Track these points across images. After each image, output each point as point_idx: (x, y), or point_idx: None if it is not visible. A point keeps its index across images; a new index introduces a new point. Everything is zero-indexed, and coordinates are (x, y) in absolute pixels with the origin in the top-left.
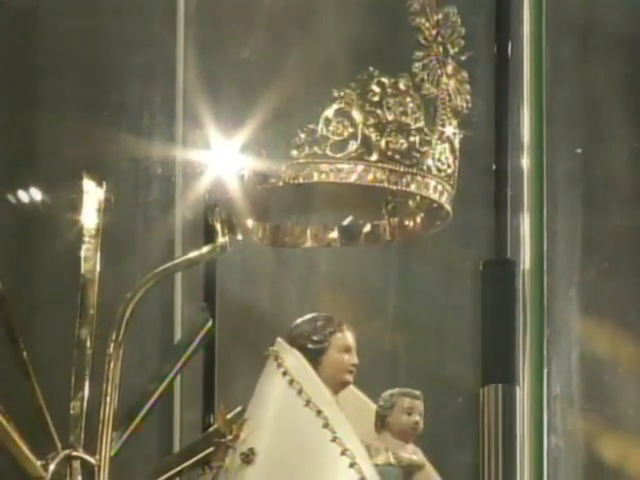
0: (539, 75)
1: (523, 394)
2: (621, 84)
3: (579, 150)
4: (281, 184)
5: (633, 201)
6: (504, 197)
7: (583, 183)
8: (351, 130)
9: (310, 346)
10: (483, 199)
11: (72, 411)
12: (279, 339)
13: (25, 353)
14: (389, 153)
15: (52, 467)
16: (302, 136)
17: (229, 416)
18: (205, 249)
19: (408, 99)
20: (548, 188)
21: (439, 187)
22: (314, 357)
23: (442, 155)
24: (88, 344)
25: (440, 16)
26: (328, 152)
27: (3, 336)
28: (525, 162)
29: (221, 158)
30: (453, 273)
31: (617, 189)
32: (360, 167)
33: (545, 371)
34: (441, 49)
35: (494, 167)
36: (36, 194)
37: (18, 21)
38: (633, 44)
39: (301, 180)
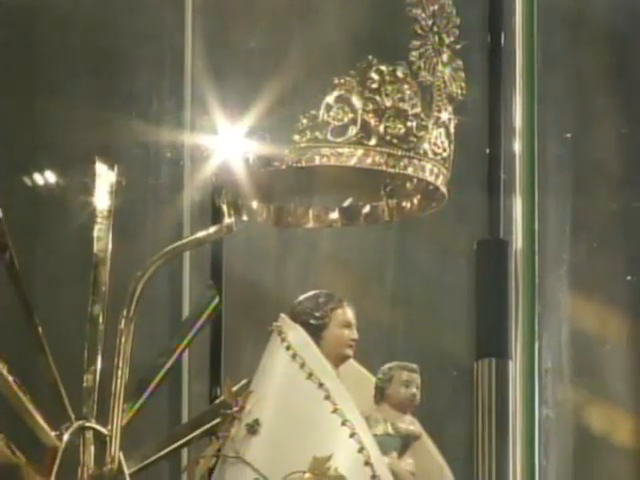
0: (531, 63)
1: (515, 368)
2: (609, 72)
3: (569, 135)
4: (284, 167)
5: (620, 184)
6: (497, 180)
7: (572, 166)
8: (351, 116)
9: (312, 322)
10: (477, 182)
11: (85, 384)
12: (282, 315)
13: (40, 329)
14: (387, 138)
15: (66, 437)
16: (304, 121)
17: (235, 388)
18: (212, 229)
19: (405, 86)
20: (539, 171)
21: (435, 170)
22: (316, 332)
23: (438, 139)
24: (100, 320)
25: (436, 7)
26: (329, 137)
27: (19, 312)
28: (517, 146)
29: (227, 143)
30: (448, 252)
31: (605, 172)
32: (360, 151)
33: (536, 346)
34: (437, 39)
35: (488, 151)
36: (51, 177)
37: (35, 12)
38: (621, 34)
39: (303, 163)
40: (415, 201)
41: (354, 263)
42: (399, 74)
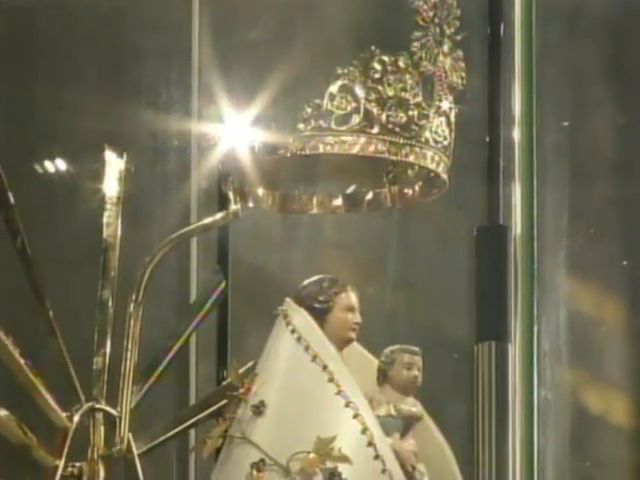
0: (529, 54)
1: (515, 350)
2: (605, 63)
3: (566, 124)
4: (289, 155)
5: (616, 171)
6: (497, 168)
7: (570, 154)
8: (354, 105)
9: (316, 306)
10: (477, 169)
11: (95, 366)
12: (287, 299)
13: (51, 312)
14: (389, 126)
15: (76, 418)
16: (308, 110)
17: (241, 371)
18: (219, 215)
19: (407, 76)
20: (537, 159)
21: (436, 157)
22: (320, 316)
23: (439, 128)
24: (110, 304)
25: None
26: (332, 125)
27: (31, 297)
28: (516, 135)
29: (233, 131)
30: (449, 238)
31: (601, 160)
32: (362, 139)
33: (535, 329)
34: (438, 30)
35: (487, 139)
36: (62, 165)
37: (47, 4)
38: (617, 26)
39: (307, 151)
40: (417, 188)
41: (357, 249)
42: (401, 64)
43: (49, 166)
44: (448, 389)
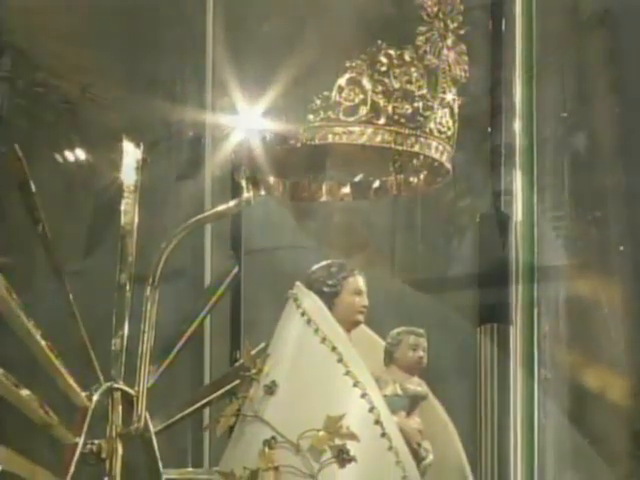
0: (530, 48)
1: (516, 332)
2: (603, 55)
3: (565, 114)
4: (299, 145)
5: (613, 160)
6: (498, 157)
7: (569, 144)
8: (361, 97)
9: (325, 289)
10: (480, 159)
11: (113, 347)
12: (298, 283)
13: (71, 296)
14: (395, 117)
15: (95, 398)
16: (318, 102)
17: (253, 352)
18: (232, 203)
19: (412, 69)
20: (538, 148)
21: (440, 147)
22: (329, 299)
23: (443, 119)
24: (127, 287)
25: None
26: (341, 116)
27: (52, 281)
28: (517, 125)
29: (246, 122)
30: (453, 224)
31: (599, 149)
32: (369, 130)
33: (535, 312)
34: (442, 24)
35: (489, 130)
36: (81, 155)
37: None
38: (614, 19)
39: (317, 141)
40: (422, 176)
41: (365, 235)
42: (406, 57)
43: (69, 156)
44: (452, 370)
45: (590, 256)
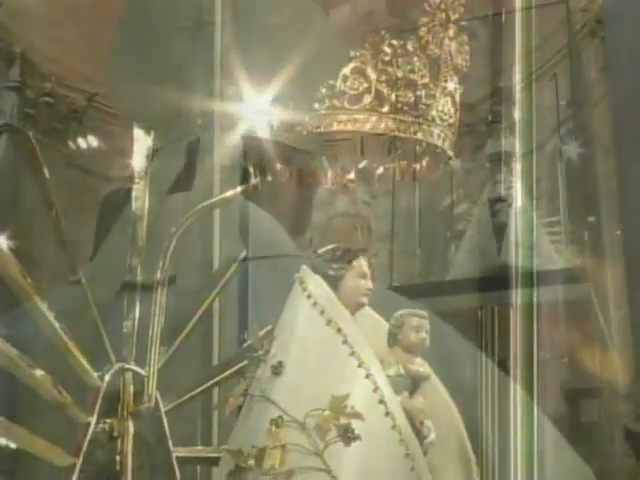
0: (528, 39)
1: (516, 314)
2: (596, 48)
3: (563, 103)
4: (305, 132)
5: (608, 149)
6: (499, 146)
7: (566, 132)
8: (366, 85)
9: (331, 273)
10: (480, 146)
11: (125, 329)
12: (304, 266)
13: (84, 279)
14: (399, 105)
15: (107, 378)
16: (323, 91)
17: (261, 334)
18: (239, 189)
19: (415, 58)
20: (536, 137)
21: (442, 135)
22: (334, 282)
23: (445, 107)
24: (138, 271)
25: None
26: (346, 104)
27: (65, 265)
28: (517, 114)
29: (253, 110)
30: (456, 210)
31: (594, 138)
32: (373, 117)
33: (534, 294)
34: (444, 15)
35: (490, 118)
36: (94, 142)
37: None
38: (607, 14)
39: (322, 129)
40: (424, 163)
41: (370, 220)
42: (409, 47)
43: (82, 143)
44: (454, 350)
45: (584, 240)
